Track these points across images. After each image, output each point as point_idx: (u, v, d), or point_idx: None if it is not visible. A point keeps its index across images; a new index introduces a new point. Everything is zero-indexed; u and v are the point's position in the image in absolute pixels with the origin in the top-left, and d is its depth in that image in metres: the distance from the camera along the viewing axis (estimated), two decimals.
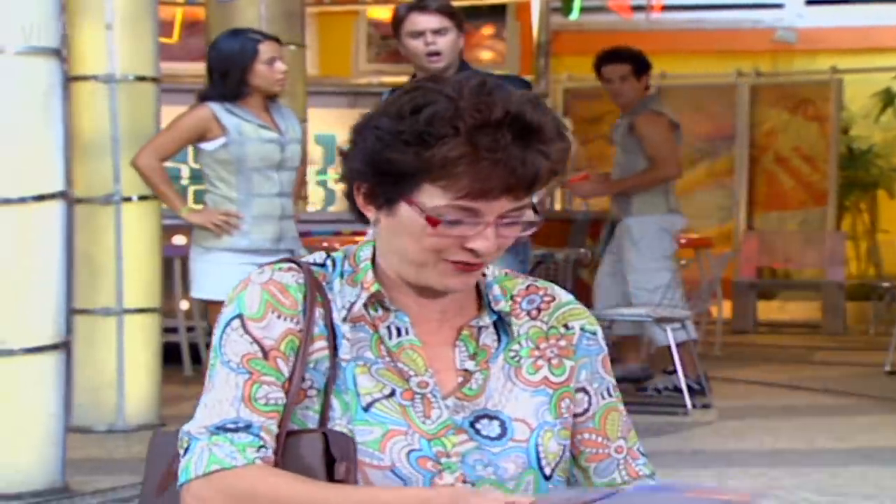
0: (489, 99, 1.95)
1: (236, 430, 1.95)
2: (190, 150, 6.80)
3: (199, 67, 9.43)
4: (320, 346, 2.02)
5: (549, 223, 10.87)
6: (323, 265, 2.09)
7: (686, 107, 14.69)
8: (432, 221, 1.95)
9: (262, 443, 1.95)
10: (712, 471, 6.14)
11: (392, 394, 2.01)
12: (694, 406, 7.69)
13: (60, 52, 5.50)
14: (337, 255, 2.11)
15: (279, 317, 2.02)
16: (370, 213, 2.04)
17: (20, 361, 5.34)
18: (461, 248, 1.98)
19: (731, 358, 10.54)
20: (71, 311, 6.92)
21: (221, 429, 1.95)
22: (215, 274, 5.79)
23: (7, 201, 5.33)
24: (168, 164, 6.18)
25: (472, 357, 2.06)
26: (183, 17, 13.06)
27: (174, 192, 6.07)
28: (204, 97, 5.93)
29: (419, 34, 5.67)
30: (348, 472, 1.95)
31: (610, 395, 2.14)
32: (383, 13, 14.45)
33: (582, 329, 2.11)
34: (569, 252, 8.27)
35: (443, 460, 1.98)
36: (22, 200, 5.35)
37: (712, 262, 9.46)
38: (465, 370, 2.05)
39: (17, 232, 5.35)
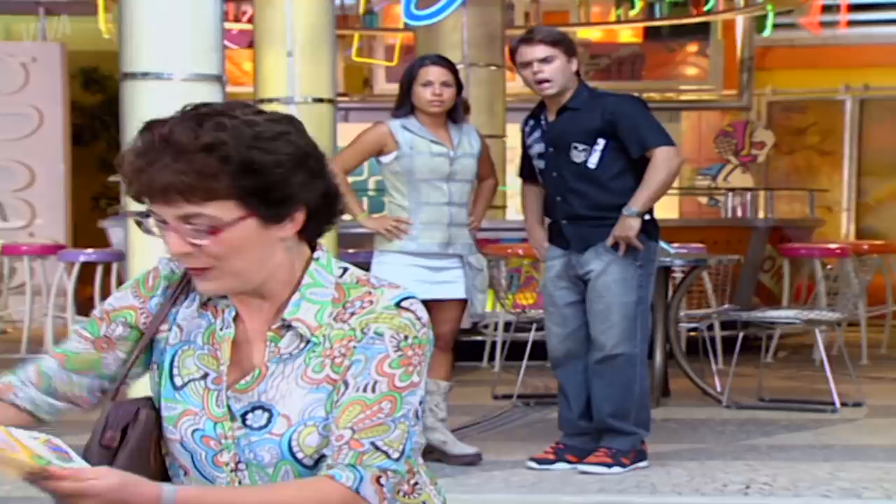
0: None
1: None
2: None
3: None
4: (164, 328, 2.25)
5: (730, 230, 10.86)
6: None
7: (890, 118, 14.38)
8: (137, 224, 2.19)
9: (21, 373, 2.26)
10: (832, 463, 6.10)
11: (205, 377, 2.20)
12: (845, 404, 7.62)
13: (221, 78, 5.84)
14: None
15: (133, 294, 2.27)
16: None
17: None
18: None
19: None
20: None
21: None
22: (387, 274, 5.98)
23: None
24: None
25: (270, 355, 2.18)
26: (402, 42, 13.46)
27: (354, 200, 6.31)
28: (392, 115, 6.15)
29: (528, 64, 5.85)
30: (112, 440, 2.19)
31: (367, 391, 2.11)
32: (592, 34, 14.59)
33: (374, 331, 2.13)
34: (721, 258, 8.25)
35: (223, 441, 2.17)
36: None
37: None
38: (265, 365, 2.18)
39: None
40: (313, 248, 2.22)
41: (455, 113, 6.08)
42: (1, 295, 11.58)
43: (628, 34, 14.68)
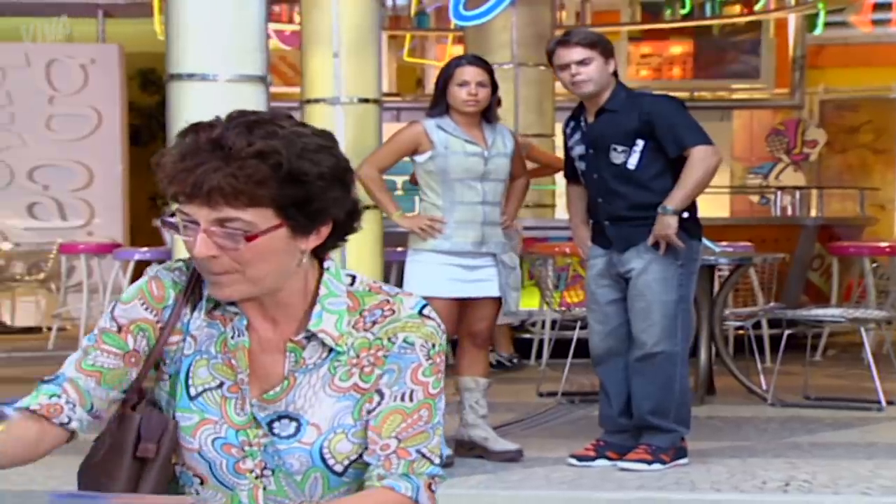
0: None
1: (49, 381, 2.21)
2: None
3: None
4: (177, 339, 2.23)
5: (779, 228, 10.79)
6: None
7: None
8: (164, 224, 2.14)
9: (59, 391, 2.18)
10: (874, 461, 6.06)
11: (220, 385, 2.20)
12: (891, 402, 7.56)
13: (265, 79, 5.88)
14: None
15: (143, 305, 2.22)
16: None
17: None
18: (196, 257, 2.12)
19: None
20: None
21: (45, 381, 2.22)
22: (421, 272, 6.04)
23: None
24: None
25: (294, 365, 2.20)
26: (453, 42, 13.48)
27: (389, 199, 6.30)
28: (427, 114, 6.16)
29: (565, 66, 5.84)
30: (147, 451, 2.18)
31: (405, 400, 2.17)
32: (643, 33, 14.54)
33: (404, 340, 2.19)
34: (766, 256, 8.20)
35: (246, 448, 2.18)
36: None
37: None
38: (286, 376, 2.19)
39: None
40: (321, 260, 2.24)
41: (489, 113, 6.08)
42: (59, 292, 11.71)
43: (680, 33, 14.62)
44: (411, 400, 2.17)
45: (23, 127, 12.62)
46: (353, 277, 2.25)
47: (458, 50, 13.27)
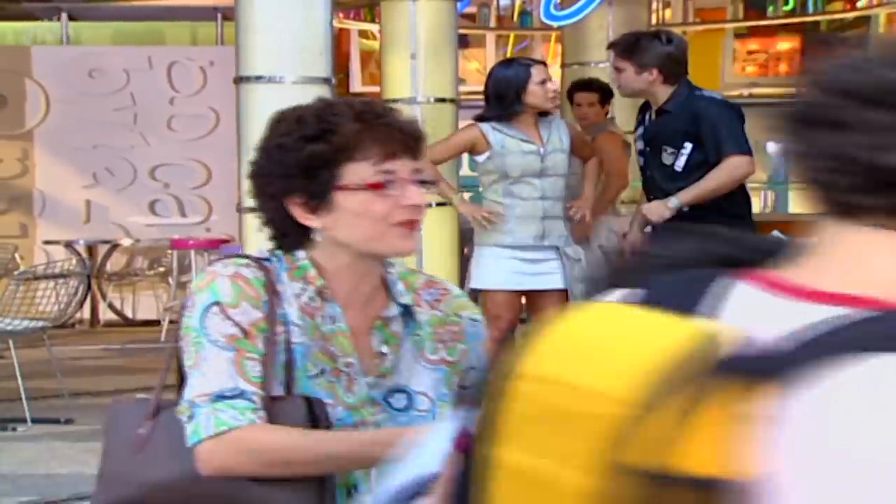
0: (354, 100, 2.29)
1: (233, 398, 2.15)
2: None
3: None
4: (280, 330, 2.22)
5: None
6: (269, 260, 2.28)
7: None
8: (374, 186, 2.18)
9: (256, 406, 2.15)
10: None
11: (322, 373, 2.24)
12: None
13: (330, 81, 6.03)
14: (277, 252, 2.30)
15: (253, 307, 2.20)
16: (312, 221, 2.23)
17: None
18: (401, 208, 2.19)
19: None
20: None
21: (221, 397, 2.15)
22: (485, 266, 6.18)
23: None
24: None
25: (386, 342, 2.29)
26: (555, 42, 13.53)
27: (447, 184, 6.51)
28: (480, 118, 6.26)
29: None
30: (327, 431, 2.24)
31: None
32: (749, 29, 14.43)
33: (470, 318, 2.38)
34: None
35: (360, 427, 2.23)
36: None
37: None
38: (381, 353, 2.28)
39: None
40: None
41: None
42: (172, 287, 12.02)
43: (787, 29, 14.47)
44: None
45: (145, 127, 12.96)
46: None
47: (559, 49, 13.32)
